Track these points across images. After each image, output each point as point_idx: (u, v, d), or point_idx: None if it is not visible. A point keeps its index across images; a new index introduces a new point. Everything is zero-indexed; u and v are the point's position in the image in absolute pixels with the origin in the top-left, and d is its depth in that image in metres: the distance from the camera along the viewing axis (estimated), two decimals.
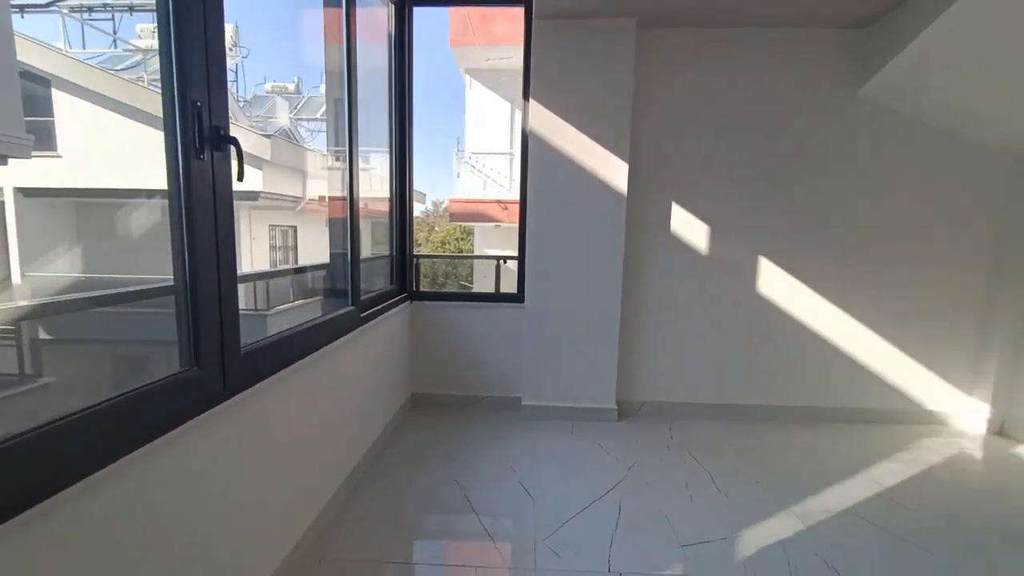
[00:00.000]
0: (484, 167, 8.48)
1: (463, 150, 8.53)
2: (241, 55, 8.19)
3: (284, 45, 17.63)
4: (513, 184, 8.43)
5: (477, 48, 7.55)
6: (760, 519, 1.99)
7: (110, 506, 0.91)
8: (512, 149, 8.45)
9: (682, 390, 3.09)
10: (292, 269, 2.48)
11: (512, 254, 3.25)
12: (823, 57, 2.82)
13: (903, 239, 2.93)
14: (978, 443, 2.83)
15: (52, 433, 0.80)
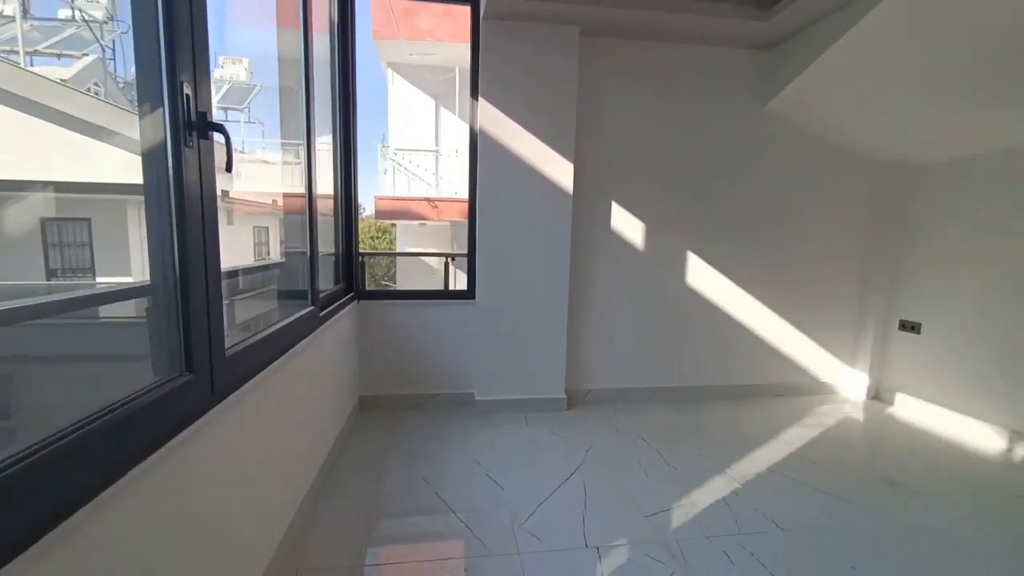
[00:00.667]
0: (410, 164, 8.32)
1: (388, 146, 8.29)
2: (120, 30, 7.28)
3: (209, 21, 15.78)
4: (441, 182, 8.37)
5: (400, 42, 7.39)
6: (706, 485, 2.23)
7: (104, 544, 0.83)
8: (438, 146, 8.38)
9: (624, 376, 3.32)
10: (253, 267, 2.29)
11: (450, 252, 3.27)
12: (738, 74, 3.18)
13: (799, 236, 3.39)
14: (860, 407, 3.36)
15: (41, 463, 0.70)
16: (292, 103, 2.04)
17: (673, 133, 3.17)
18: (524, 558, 1.71)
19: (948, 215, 3.02)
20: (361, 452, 2.50)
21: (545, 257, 3.01)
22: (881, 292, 3.41)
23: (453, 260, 4.15)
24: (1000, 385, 2.73)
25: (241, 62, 6.54)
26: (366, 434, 2.71)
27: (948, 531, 1.92)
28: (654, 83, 3.11)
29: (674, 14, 2.71)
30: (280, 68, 2.03)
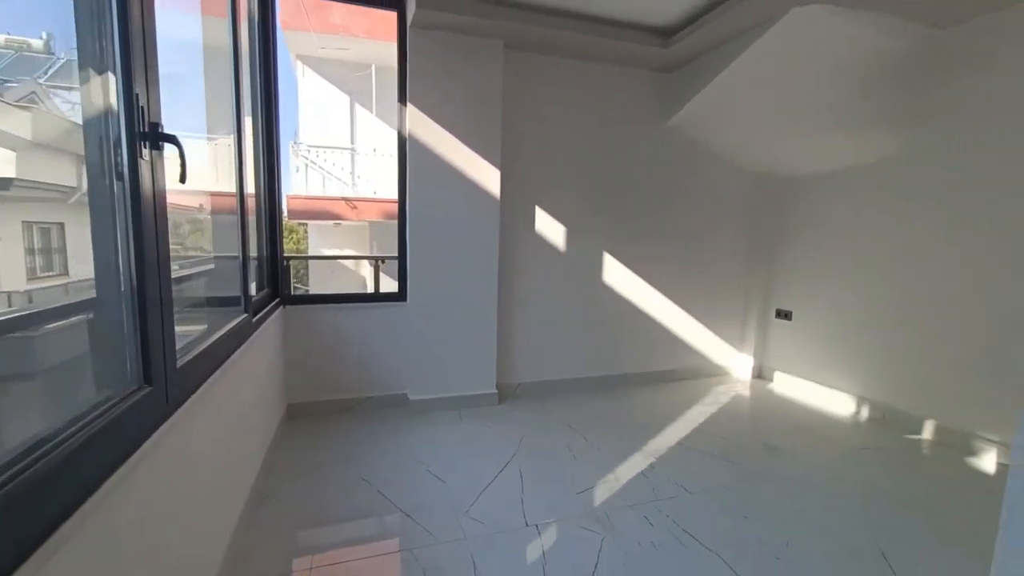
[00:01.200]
0: (325, 162, 7.99)
1: (300, 143, 7.90)
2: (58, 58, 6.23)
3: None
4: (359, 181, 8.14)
5: (311, 35, 7.09)
6: (627, 461, 2.50)
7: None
8: (354, 144, 8.15)
9: (551, 369, 3.55)
10: (179, 277, 2.14)
11: (377, 254, 3.29)
12: (645, 93, 3.54)
13: (696, 238, 3.85)
14: (748, 385, 3.90)
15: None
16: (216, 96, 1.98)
17: (589, 143, 3.45)
18: (471, 542, 1.83)
19: (811, 220, 3.61)
20: (296, 460, 2.46)
21: (475, 259, 3.14)
22: (760, 285, 3.98)
23: (383, 262, 4.12)
24: (850, 361, 3.33)
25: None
26: (299, 441, 2.66)
27: (812, 480, 2.35)
28: (573, 97, 3.36)
29: (586, 36, 2.97)
30: (205, 57, 1.96)
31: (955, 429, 2.74)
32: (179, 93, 1.57)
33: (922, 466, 2.53)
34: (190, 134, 1.94)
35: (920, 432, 2.90)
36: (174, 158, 1.15)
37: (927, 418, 2.87)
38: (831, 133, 3.20)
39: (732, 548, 1.83)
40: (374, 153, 8.11)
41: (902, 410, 3.01)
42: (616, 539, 1.87)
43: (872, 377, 3.19)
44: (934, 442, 2.81)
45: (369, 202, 7.89)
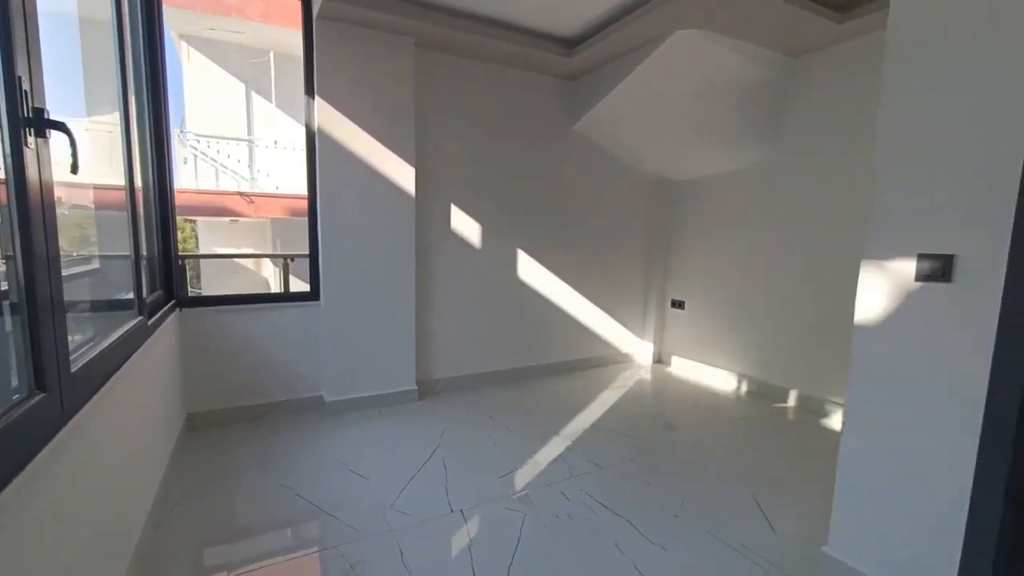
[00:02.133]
0: (218, 154, 7.34)
1: (187, 132, 7.17)
2: None
3: None
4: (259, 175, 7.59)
5: (198, 13, 6.48)
6: (545, 445, 2.66)
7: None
8: (252, 136, 7.58)
9: (469, 363, 3.63)
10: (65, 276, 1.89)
11: (284, 253, 3.16)
12: (553, 98, 3.74)
13: (600, 234, 4.14)
14: (649, 369, 4.28)
15: None
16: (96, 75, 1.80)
17: (502, 144, 3.58)
18: (397, 533, 1.86)
19: (697, 219, 4.05)
20: (203, 470, 2.30)
21: (391, 256, 3.13)
22: (658, 278, 4.38)
23: (292, 260, 3.92)
24: (732, 343, 3.80)
25: None
26: (206, 451, 2.48)
27: (702, 447, 2.68)
28: (486, 98, 3.46)
29: (496, 41, 3.08)
30: (80, 30, 1.78)
31: (813, 396, 3.25)
32: (55, 72, 1.42)
33: (787, 429, 2.98)
34: (68, 118, 1.75)
35: (787, 400, 3.40)
36: (63, 146, 1.06)
37: (791, 388, 3.38)
38: (708, 143, 3.62)
39: (638, 511, 2.04)
40: (275, 146, 7.61)
41: (773, 383, 3.50)
42: (536, 515, 2.01)
43: (749, 356, 3.67)
44: (797, 408, 3.31)
45: (270, 198, 7.39)
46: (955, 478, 1.33)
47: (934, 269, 1.34)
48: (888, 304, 1.46)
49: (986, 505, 1.27)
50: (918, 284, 1.39)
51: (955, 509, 1.33)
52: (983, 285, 1.26)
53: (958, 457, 1.32)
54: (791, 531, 1.93)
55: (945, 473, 1.36)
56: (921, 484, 1.42)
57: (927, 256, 1.36)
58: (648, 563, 1.73)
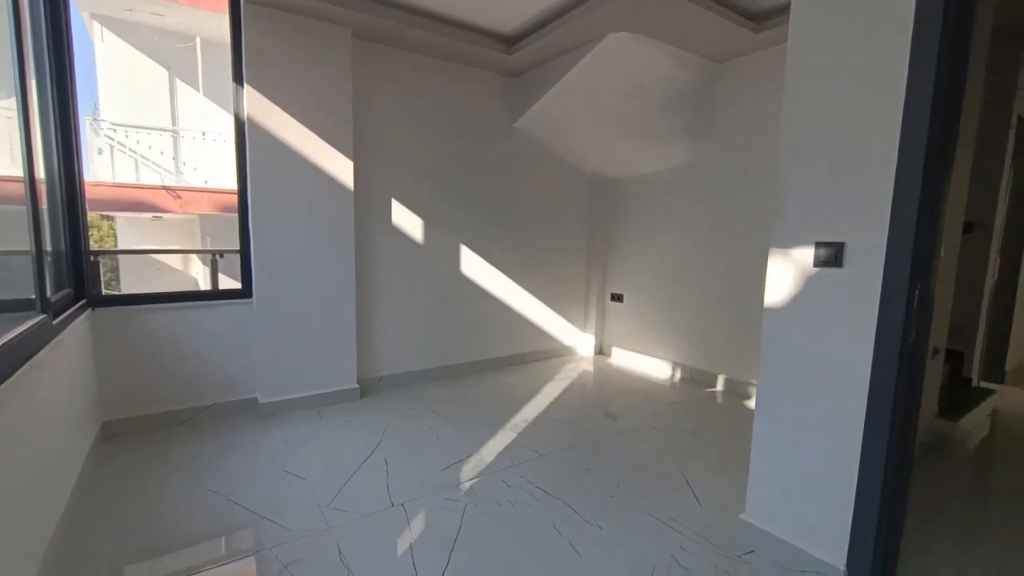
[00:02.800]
0: (138, 144, 6.82)
1: (101, 120, 6.60)
2: None
3: None
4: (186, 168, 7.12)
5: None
6: (489, 438, 2.69)
7: None
8: (177, 126, 7.10)
9: (412, 360, 3.60)
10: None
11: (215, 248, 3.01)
12: (495, 94, 3.77)
13: (543, 230, 4.23)
14: (591, 361, 4.42)
15: None
16: None
17: (444, 139, 3.57)
18: (336, 531, 1.83)
19: (633, 215, 4.22)
20: (119, 483, 2.15)
21: (329, 251, 3.05)
22: (599, 272, 4.53)
23: (221, 256, 3.72)
24: (667, 333, 4.00)
25: None
26: (123, 462, 2.32)
27: (638, 432, 2.81)
28: (428, 93, 3.44)
29: (435, 35, 3.07)
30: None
31: (738, 380, 3.48)
32: None
33: (715, 411, 3.18)
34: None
35: (715, 385, 3.62)
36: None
37: (720, 373, 3.60)
38: (642, 143, 3.79)
39: (576, 494, 2.12)
40: (203, 137, 7.16)
41: (703, 369, 3.72)
42: (478, 503, 2.03)
43: (682, 345, 3.88)
44: (724, 391, 3.54)
45: (199, 192, 6.95)
46: (851, 443, 1.49)
47: (828, 255, 1.49)
48: (792, 289, 1.61)
49: (871, 463, 1.43)
50: (816, 270, 1.54)
51: (851, 471, 1.49)
52: (868, 268, 1.42)
53: (853, 424, 1.48)
54: (714, 502, 2.07)
55: (843, 439, 1.51)
56: (822, 451, 1.57)
57: (823, 244, 1.51)
58: (584, 541, 1.80)
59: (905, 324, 1.34)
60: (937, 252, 1.38)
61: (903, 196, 1.33)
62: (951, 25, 1.26)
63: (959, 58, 1.31)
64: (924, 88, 1.29)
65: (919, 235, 1.32)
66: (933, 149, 1.30)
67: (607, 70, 3.23)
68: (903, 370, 1.37)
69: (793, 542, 1.65)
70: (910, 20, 1.31)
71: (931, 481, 2.34)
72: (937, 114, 1.29)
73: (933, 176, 1.31)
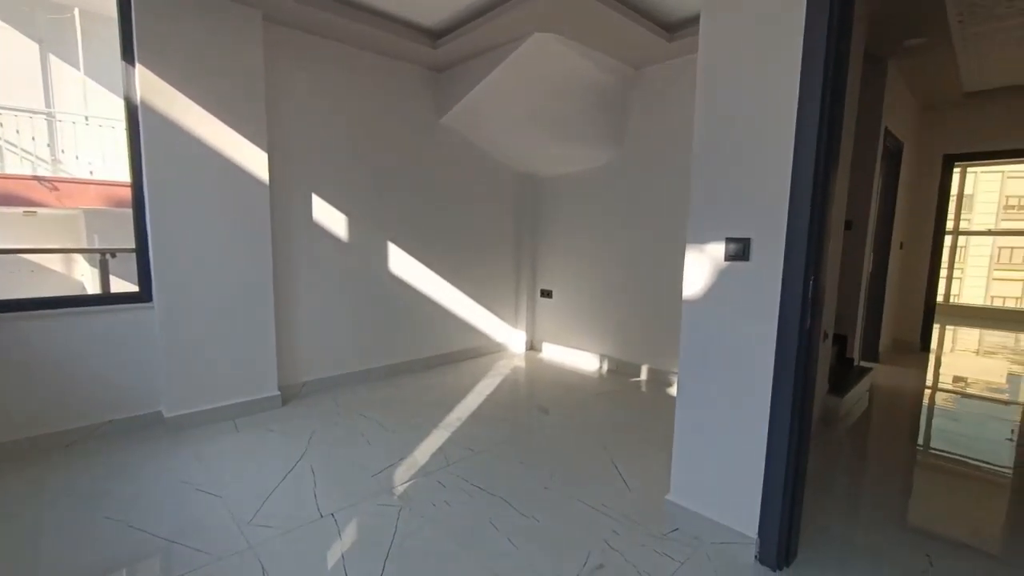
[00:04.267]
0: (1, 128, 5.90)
1: None
2: None
3: None
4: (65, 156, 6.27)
5: None
6: (422, 439, 2.64)
7: None
8: (52, 107, 6.23)
9: (339, 363, 3.44)
10: None
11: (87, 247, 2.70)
12: (419, 89, 3.69)
13: (471, 228, 4.21)
14: (522, 357, 4.48)
15: None
16: None
17: (368, 132, 3.44)
18: (258, 549, 1.71)
19: (559, 213, 4.33)
20: None
21: (242, 249, 2.83)
22: (528, 269, 4.60)
23: (113, 256, 3.32)
24: (593, 327, 4.15)
25: None
26: None
27: (568, 423, 2.89)
28: (348, 83, 3.29)
29: (353, 22, 2.93)
30: None
31: (660, 369, 3.70)
32: None
33: (640, 400, 3.36)
34: None
35: (640, 375, 3.82)
36: None
37: (643, 364, 3.81)
38: (566, 142, 3.88)
39: (510, 489, 2.14)
40: (86, 123, 6.34)
41: (628, 361, 3.91)
42: (412, 506, 1.99)
43: (608, 338, 4.05)
44: (648, 381, 3.74)
45: (82, 184, 6.15)
46: (758, 422, 1.63)
47: (737, 250, 1.62)
48: (707, 281, 1.74)
49: (777, 438, 1.58)
50: (727, 263, 1.67)
51: (760, 447, 1.63)
52: (770, 262, 1.56)
53: (760, 404, 1.62)
54: (642, 486, 2.18)
55: (752, 419, 1.65)
56: (735, 431, 1.71)
57: (732, 240, 1.64)
58: (521, 535, 1.83)
59: (802, 310, 1.50)
60: (826, 247, 1.55)
61: (798, 197, 1.48)
62: (832, 53, 1.42)
63: (839, 79, 1.48)
64: (812, 105, 1.44)
65: (812, 232, 1.47)
66: (821, 156, 1.46)
67: (532, 69, 3.28)
68: (801, 352, 1.52)
69: (713, 517, 1.79)
70: (799, 46, 1.45)
71: (825, 450, 2.63)
72: (823, 127, 1.45)
73: (822, 179, 1.47)
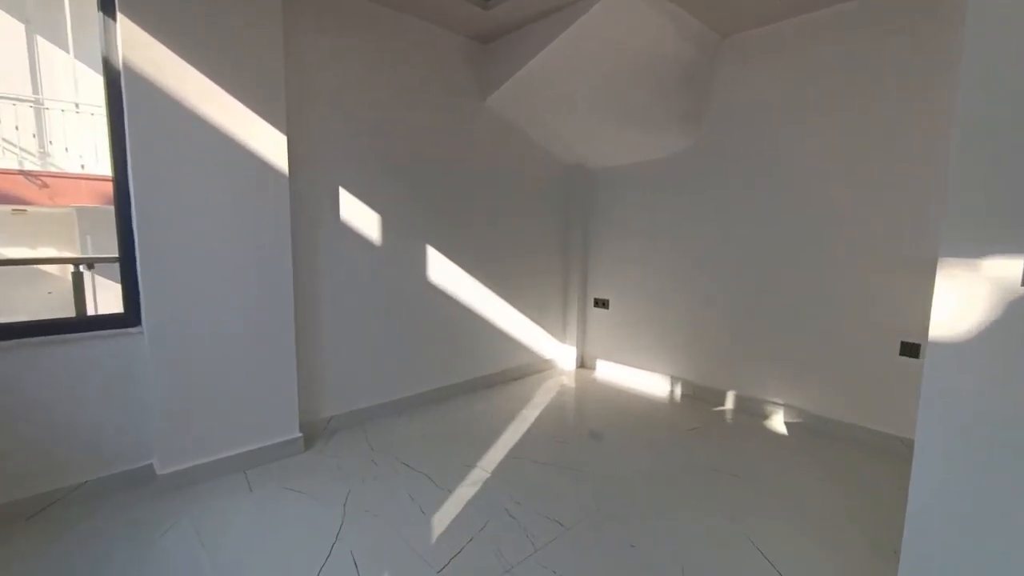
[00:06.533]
0: None
1: None
2: None
3: None
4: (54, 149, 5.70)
5: None
6: (481, 498, 2.05)
7: None
8: (40, 94, 5.65)
9: (370, 392, 2.86)
10: None
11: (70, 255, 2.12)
12: (461, 63, 3.08)
13: (517, 227, 3.60)
14: (574, 376, 3.89)
15: None
16: None
17: (400, 115, 2.84)
18: None
19: (617, 211, 3.71)
20: None
21: (255, 257, 2.24)
22: (578, 275, 3.98)
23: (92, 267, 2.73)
24: (662, 342, 3.54)
25: None
26: None
27: (665, 472, 2.29)
28: (378, 56, 2.70)
29: None
30: None
31: (752, 397, 3.09)
32: None
33: (738, 437, 2.75)
34: None
35: (725, 403, 3.21)
36: None
37: (728, 390, 3.20)
38: (633, 128, 3.27)
39: None
40: (77, 110, 5.75)
41: (708, 386, 3.30)
42: None
43: (680, 357, 3.43)
44: (736, 411, 3.13)
45: (74, 180, 5.58)
46: None
47: None
48: (980, 317, 1.13)
49: None
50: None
51: None
52: None
53: None
54: None
55: None
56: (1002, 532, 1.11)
57: None
58: None
59: None
60: None
61: None
62: None
63: None
64: None
65: None
66: None
67: (601, 36, 2.67)
68: None
69: None
70: None
71: None
72: None
73: None
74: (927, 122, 2.36)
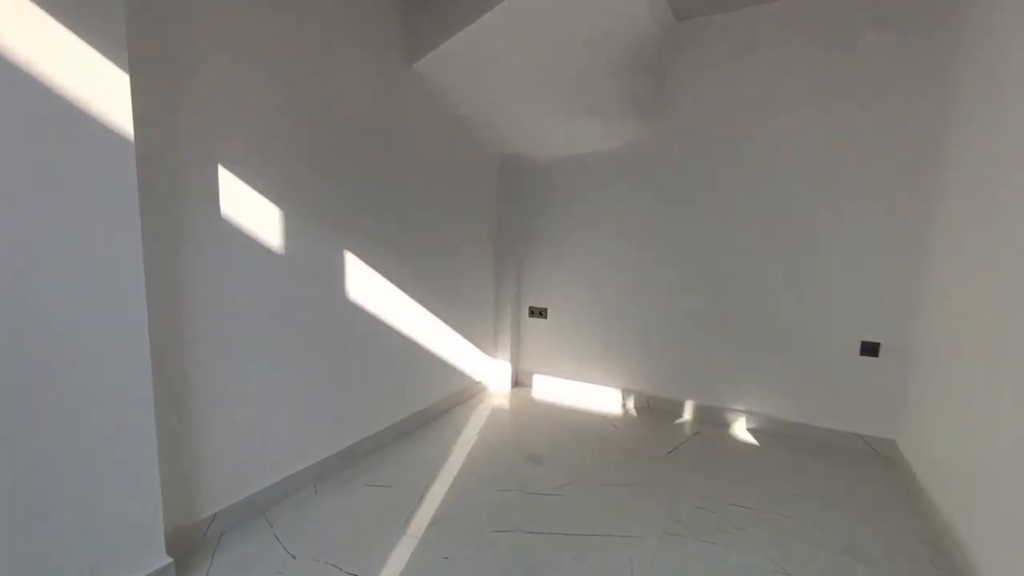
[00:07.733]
0: None
1: None
2: None
3: None
4: None
5: None
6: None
7: None
8: None
9: (272, 466, 2.00)
10: None
11: None
12: (387, 18, 2.38)
13: (443, 226, 2.95)
14: (509, 397, 3.40)
15: None
16: None
17: (306, 78, 2.04)
18: None
19: (558, 208, 3.33)
20: None
21: (83, 269, 1.30)
22: (511, 281, 3.50)
23: None
24: (610, 353, 3.25)
25: None
26: None
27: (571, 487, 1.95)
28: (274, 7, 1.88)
29: None
30: None
31: (712, 406, 2.96)
32: None
33: (719, 454, 2.55)
34: None
35: (683, 414, 3.03)
36: None
37: (685, 399, 3.02)
38: (582, 114, 2.93)
39: None
40: None
41: (664, 396, 3.09)
42: None
43: (632, 368, 3.18)
44: (696, 421, 2.97)
45: None
46: None
47: None
48: None
49: None
50: None
51: None
52: None
53: None
54: None
55: None
56: None
57: None
58: None
59: None
60: None
61: None
62: None
63: None
64: None
65: None
66: None
67: (555, 6, 2.26)
68: None
69: None
70: None
71: None
72: None
73: None
74: (892, 119, 2.39)
